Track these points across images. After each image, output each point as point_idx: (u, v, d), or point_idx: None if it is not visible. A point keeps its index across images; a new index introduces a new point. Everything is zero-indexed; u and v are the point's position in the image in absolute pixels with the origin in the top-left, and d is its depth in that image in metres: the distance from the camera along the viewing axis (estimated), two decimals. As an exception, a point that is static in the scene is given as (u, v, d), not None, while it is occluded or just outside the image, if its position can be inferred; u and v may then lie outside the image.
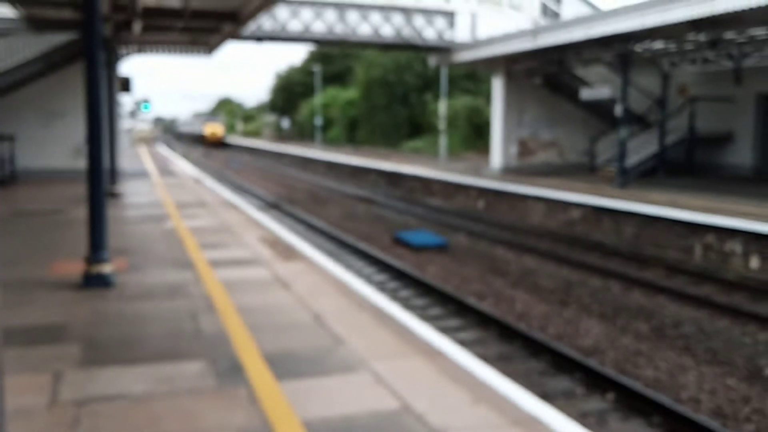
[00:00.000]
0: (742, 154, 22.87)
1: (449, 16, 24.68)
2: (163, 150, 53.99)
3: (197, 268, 8.17)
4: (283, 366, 4.87)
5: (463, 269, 12.49)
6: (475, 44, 24.00)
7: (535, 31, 21.00)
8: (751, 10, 13.88)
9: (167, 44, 20.98)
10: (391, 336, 5.65)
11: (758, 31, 17.15)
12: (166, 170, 26.80)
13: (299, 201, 23.37)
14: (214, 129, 75.97)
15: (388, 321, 6.08)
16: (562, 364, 7.47)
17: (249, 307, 6.41)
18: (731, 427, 6.13)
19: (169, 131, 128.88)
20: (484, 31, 24.18)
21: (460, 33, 24.63)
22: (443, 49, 25.25)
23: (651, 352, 8.08)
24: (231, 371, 4.77)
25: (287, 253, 9.30)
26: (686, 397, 6.80)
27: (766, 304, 10.43)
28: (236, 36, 18.58)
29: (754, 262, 12.12)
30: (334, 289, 7.28)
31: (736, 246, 12.46)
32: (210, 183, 21.61)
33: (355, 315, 6.27)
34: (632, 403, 6.49)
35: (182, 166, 31.41)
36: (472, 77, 44.76)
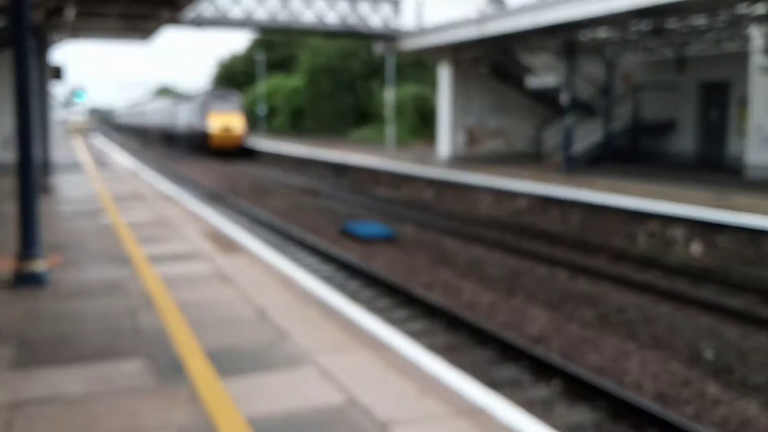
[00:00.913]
0: (684, 142, 23.61)
1: (395, 3, 24.75)
2: (100, 142, 52.77)
3: (135, 263, 8.04)
4: (226, 362, 4.85)
5: (411, 260, 12.60)
6: (421, 32, 24.13)
7: (480, 20, 21.22)
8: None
9: (103, 30, 20.47)
10: (337, 329, 5.68)
11: (699, 21, 17.70)
12: (102, 162, 26.21)
13: (242, 192, 23.15)
14: (230, 123, 39.79)
15: (334, 314, 6.11)
16: (509, 352, 7.62)
17: (190, 303, 6.36)
18: (672, 408, 6.35)
19: (107, 122, 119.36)
20: (430, 19, 24.36)
21: (406, 21, 24.76)
22: (389, 37, 25.32)
23: (596, 339, 8.31)
24: (171, 369, 4.74)
25: (229, 246, 9.23)
26: (629, 381, 7.02)
27: (706, 289, 10.83)
28: (175, 22, 18.25)
29: (695, 248, 12.55)
30: (278, 282, 7.27)
31: (677, 233, 12.88)
32: (149, 175, 21.23)
33: (300, 309, 6.28)
34: (578, 389, 6.67)
35: (119, 157, 30.75)
36: (419, 65, 44.94)
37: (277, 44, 64.60)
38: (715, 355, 7.85)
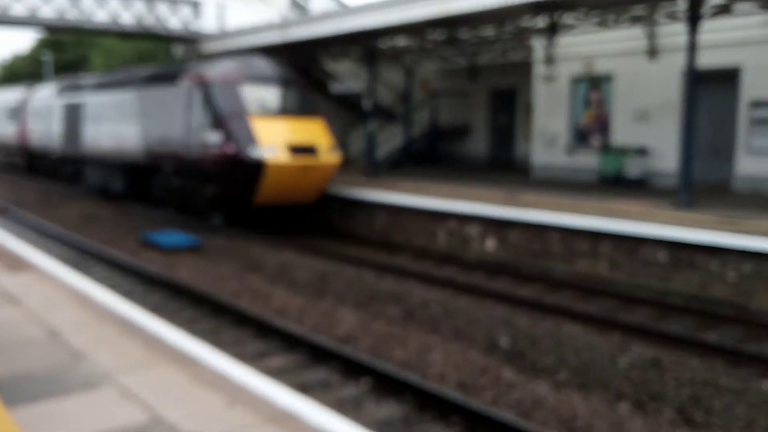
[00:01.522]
0: (478, 145, 25.26)
1: (195, 5, 24.12)
2: None
3: None
4: (13, 390, 4.47)
5: (218, 268, 12.34)
6: (223, 35, 23.72)
7: (283, 25, 21.26)
8: (482, 11, 15.38)
9: None
10: (139, 346, 5.44)
11: (488, 32, 19.01)
12: None
13: (29, 203, 21.34)
14: (309, 138, 15.89)
15: (135, 330, 5.85)
16: (319, 354, 7.72)
17: (-31, 329, 5.77)
18: (472, 396, 6.77)
19: None
20: (233, 23, 24.01)
21: (207, 23, 24.20)
22: (189, 40, 24.62)
23: (402, 335, 8.65)
24: (-53, 403, 4.28)
25: (16, 263, 8.49)
26: (433, 373, 7.39)
27: (500, 282, 11.68)
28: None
29: (489, 244, 13.48)
30: (72, 300, 6.81)
31: (473, 230, 13.75)
32: None
33: (97, 327, 5.93)
34: (386, 384, 6.91)
35: None
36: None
37: (67, 44, 60.41)
38: (509, 343, 8.49)
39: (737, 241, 10.15)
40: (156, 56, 44.59)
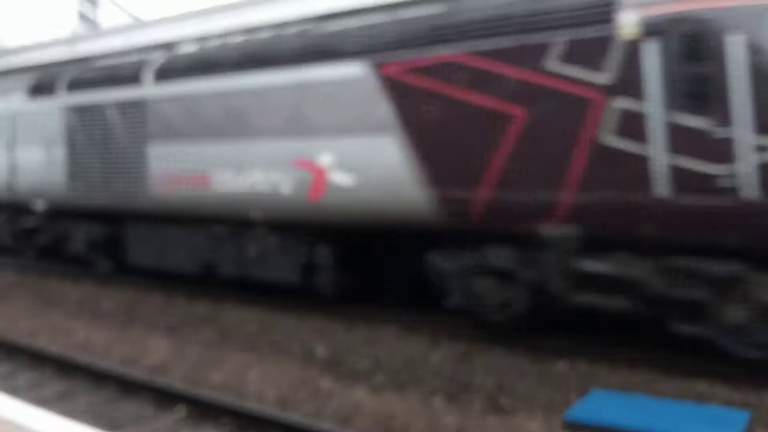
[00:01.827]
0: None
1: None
2: None
3: None
4: None
5: (10, 307, 11.39)
6: (3, 52, 21.98)
7: (72, 40, 20.14)
8: (282, 23, 15.49)
9: None
10: None
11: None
12: None
13: None
14: None
15: None
16: (130, 387, 7.37)
17: None
18: (292, 410, 6.78)
19: None
20: (17, 39, 22.34)
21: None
22: (-39, 58, 22.51)
23: (218, 357, 8.47)
24: None
25: None
26: (252, 392, 7.30)
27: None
28: None
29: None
30: None
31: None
32: None
33: None
34: (202, 410, 6.73)
35: None
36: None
37: None
38: (327, 352, 8.58)
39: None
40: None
